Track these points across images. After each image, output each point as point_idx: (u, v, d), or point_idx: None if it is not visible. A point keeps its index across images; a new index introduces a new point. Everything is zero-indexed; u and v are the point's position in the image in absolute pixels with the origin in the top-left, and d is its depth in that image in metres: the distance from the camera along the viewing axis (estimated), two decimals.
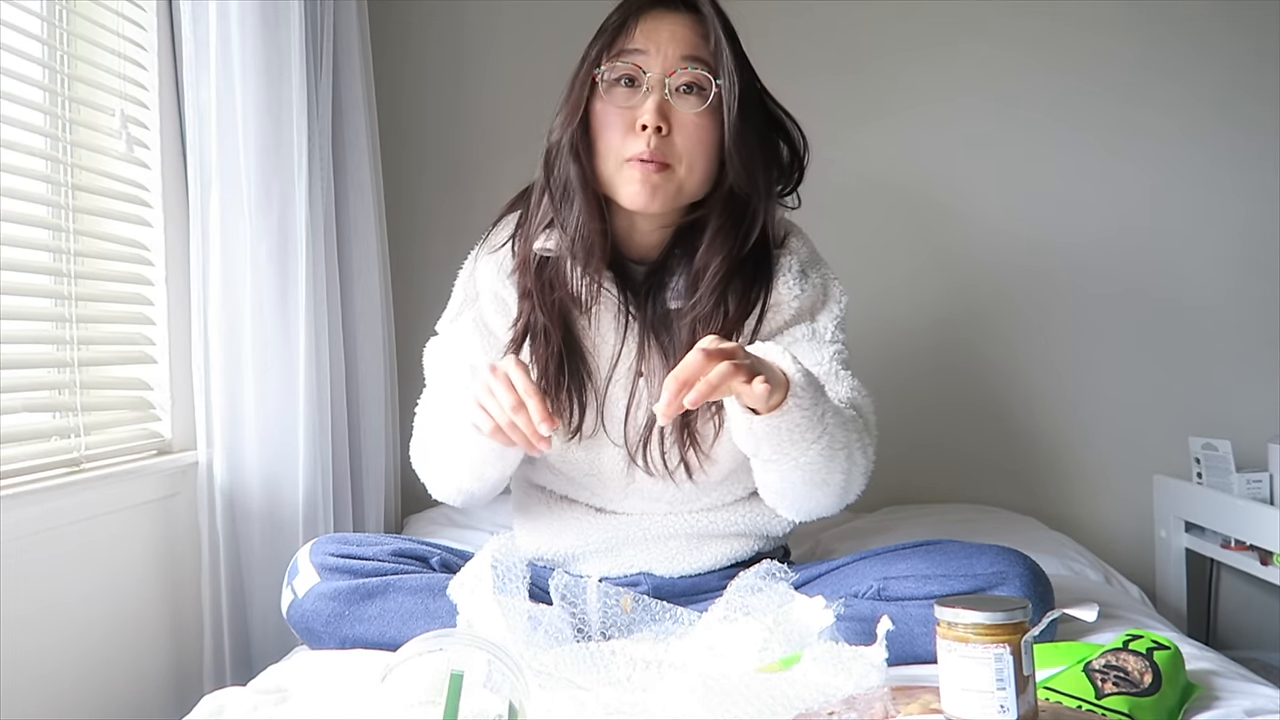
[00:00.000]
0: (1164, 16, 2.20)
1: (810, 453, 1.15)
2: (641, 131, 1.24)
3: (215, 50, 1.53)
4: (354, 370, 1.82)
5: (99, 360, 1.48)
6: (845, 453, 1.19)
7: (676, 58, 1.26)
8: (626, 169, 1.26)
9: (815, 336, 1.34)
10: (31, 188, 1.36)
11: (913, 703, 0.93)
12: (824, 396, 1.16)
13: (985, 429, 2.22)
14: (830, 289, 1.38)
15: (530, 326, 1.32)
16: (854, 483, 1.24)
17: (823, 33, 2.22)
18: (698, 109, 1.26)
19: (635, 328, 1.33)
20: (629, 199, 1.27)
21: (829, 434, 1.15)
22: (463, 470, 1.30)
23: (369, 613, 1.24)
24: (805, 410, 1.12)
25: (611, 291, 1.33)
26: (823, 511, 1.26)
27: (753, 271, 1.34)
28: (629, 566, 1.37)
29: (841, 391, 1.29)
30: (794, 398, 1.10)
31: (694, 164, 1.27)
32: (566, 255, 1.31)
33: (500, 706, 0.87)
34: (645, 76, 1.26)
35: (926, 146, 2.22)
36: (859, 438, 1.23)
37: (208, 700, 1.11)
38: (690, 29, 1.28)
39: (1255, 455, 2.02)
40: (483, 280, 1.39)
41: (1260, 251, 2.19)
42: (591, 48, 1.31)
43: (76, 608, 1.33)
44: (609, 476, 1.35)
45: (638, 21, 1.28)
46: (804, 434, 1.13)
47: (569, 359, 1.32)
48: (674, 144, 1.26)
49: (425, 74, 2.21)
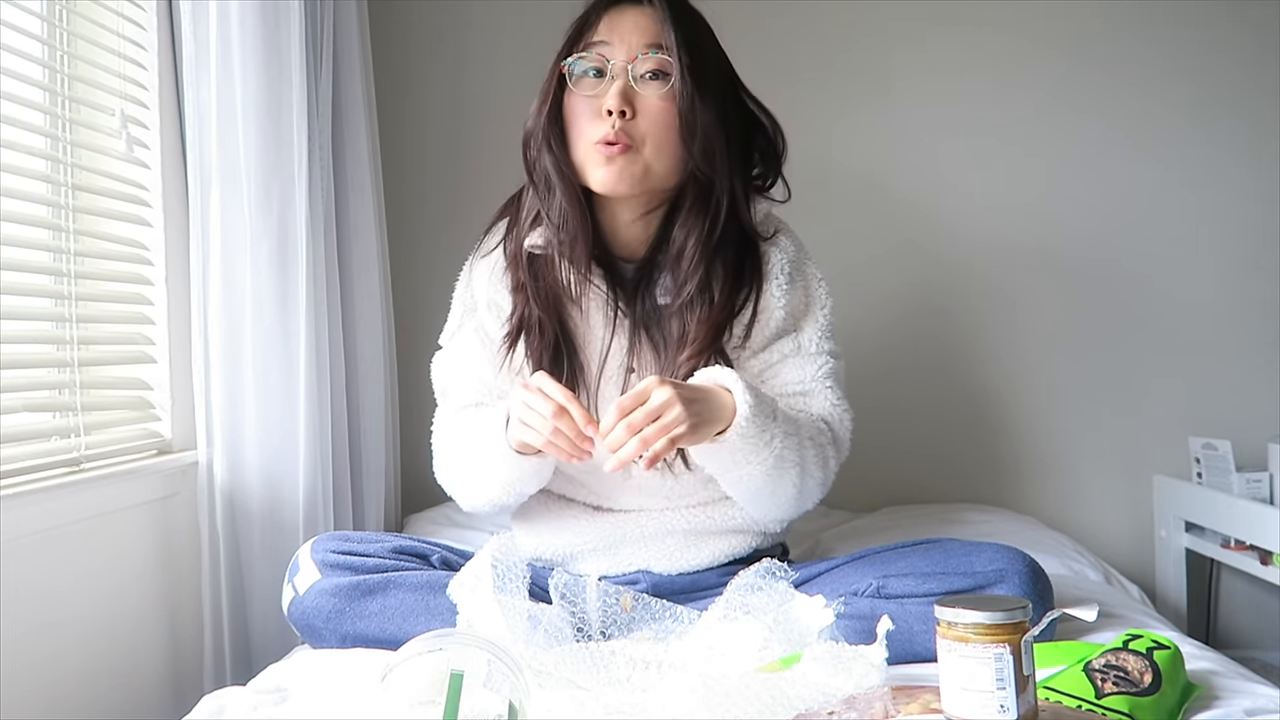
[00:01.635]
0: (1167, 9, 2.20)
1: (756, 471, 1.24)
2: (607, 117, 1.30)
3: (215, 50, 1.53)
4: (354, 370, 1.82)
5: (99, 360, 1.48)
6: (797, 469, 1.27)
7: (639, 45, 1.31)
8: (593, 152, 1.31)
9: (801, 351, 1.38)
10: (31, 188, 1.36)
11: (913, 702, 0.93)
12: (775, 421, 1.24)
13: (985, 429, 2.22)
14: (815, 292, 1.42)
15: (524, 320, 1.36)
16: (808, 493, 1.32)
17: (793, 17, 2.22)
18: (660, 93, 1.31)
19: (625, 323, 1.36)
20: (598, 182, 1.32)
21: (777, 455, 1.24)
22: (495, 488, 1.34)
23: (370, 609, 1.25)
24: (750, 439, 1.21)
25: (601, 287, 1.36)
26: (777, 516, 1.36)
27: (736, 260, 1.37)
28: (628, 564, 1.38)
29: (817, 407, 1.36)
30: (736, 430, 1.19)
31: (659, 146, 1.32)
32: (554, 249, 1.36)
33: (500, 706, 0.87)
34: (610, 66, 1.32)
35: (925, 145, 2.22)
36: (817, 454, 1.30)
37: (207, 700, 1.11)
38: (652, 19, 1.33)
39: (1255, 455, 2.02)
40: (479, 288, 1.42)
41: (1261, 251, 2.18)
42: (562, 45, 1.37)
43: (76, 607, 1.33)
44: (606, 473, 1.35)
45: (601, 16, 1.34)
46: (748, 456, 1.23)
47: (563, 351, 1.35)
48: (638, 127, 1.31)
49: (425, 74, 2.21)
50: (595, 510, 1.40)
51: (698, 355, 1.32)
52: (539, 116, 1.36)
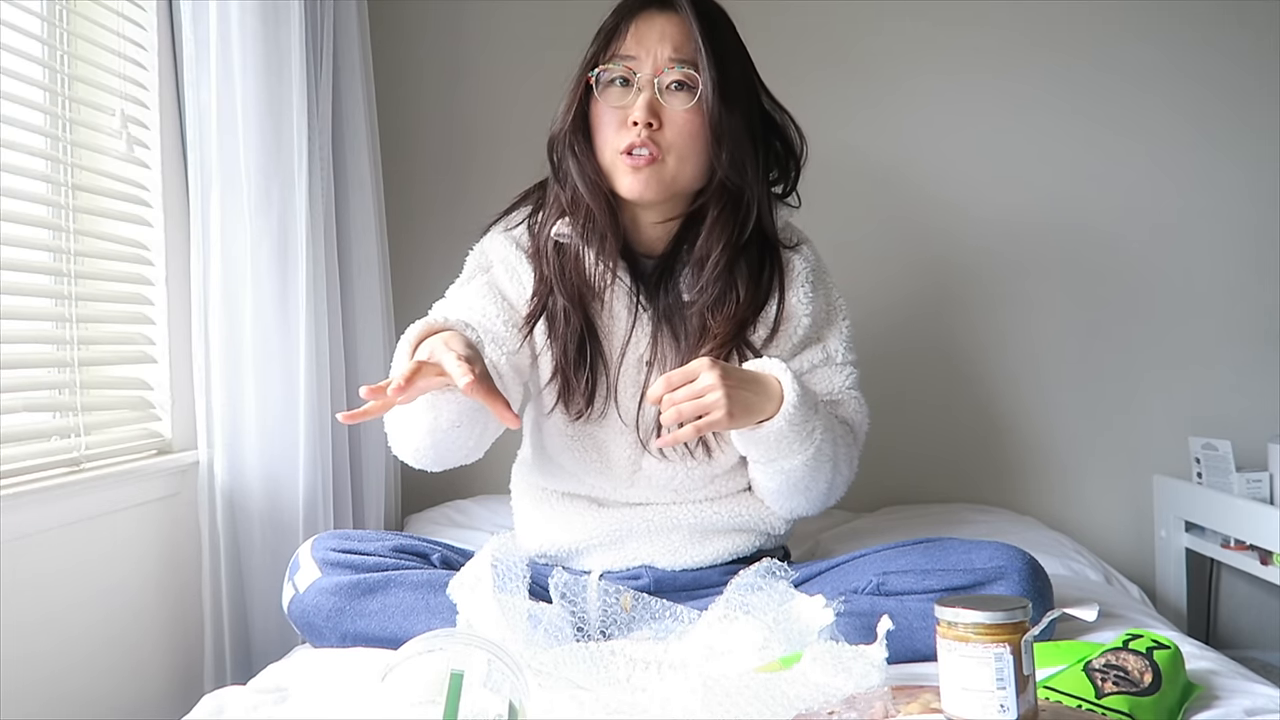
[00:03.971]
0: (1171, 10, 2.20)
1: (796, 462, 1.28)
2: (633, 127, 1.31)
3: (215, 50, 1.53)
4: (354, 370, 1.82)
5: (99, 360, 1.48)
6: (831, 464, 1.31)
7: (665, 58, 1.32)
8: (620, 162, 1.33)
9: (829, 361, 1.43)
10: (31, 188, 1.36)
11: (913, 702, 0.93)
12: (816, 414, 1.27)
13: (985, 429, 2.22)
14: (836, 302, 1.46)
15: (548, 308, 1.38)
16: (836, 490, 1.37)
17: (798, 15, 2.22)
18: (686, 105, 1.32)
19: (646, 316, 1.39)
20: (625, 189, 1.34)
21: (817, 447, 1.27)
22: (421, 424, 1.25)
23: (370, 608, 1.25)
24: (796, 426, 1.24)
25: (624, 280, 1.38)
26: (804, 512, 1.39)
27: (759, 263, 1.39)
28: (631, 559, 1.38)
29: (844, 411, 1.40)
30: (784, 416, 1.23)
31: (684, 156, 1.33)
32: (580, 241, 1.38)
33: (500, 706, 0.87)
34: (636, 78, 1.33)
35: (923, 143, 2.22)
36: (846, 451, 1.35)
37: (208, 700, 1.11)
38: (679, 28, 1.34)
39: (1255, 455, 2.02)
40: (494, 252, 1.44)
41: (1262, 251, 2.18)
42: (589, 50, 1.38)
43: (77, 607, 1.33)
44: (616, 463, 1.38)
45: (630, 24, 1.35)
46: (792, 446, 1.26)
47: (586, 340, 1.37)
48: (665, 137, 1.32)
49: (425, 74, 2.21)
50: (599, 505, 1.41)
51: (719, 349, 1.34)
52: (565, 123, 1.37)
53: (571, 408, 1.37)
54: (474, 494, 2.06)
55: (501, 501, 1.80)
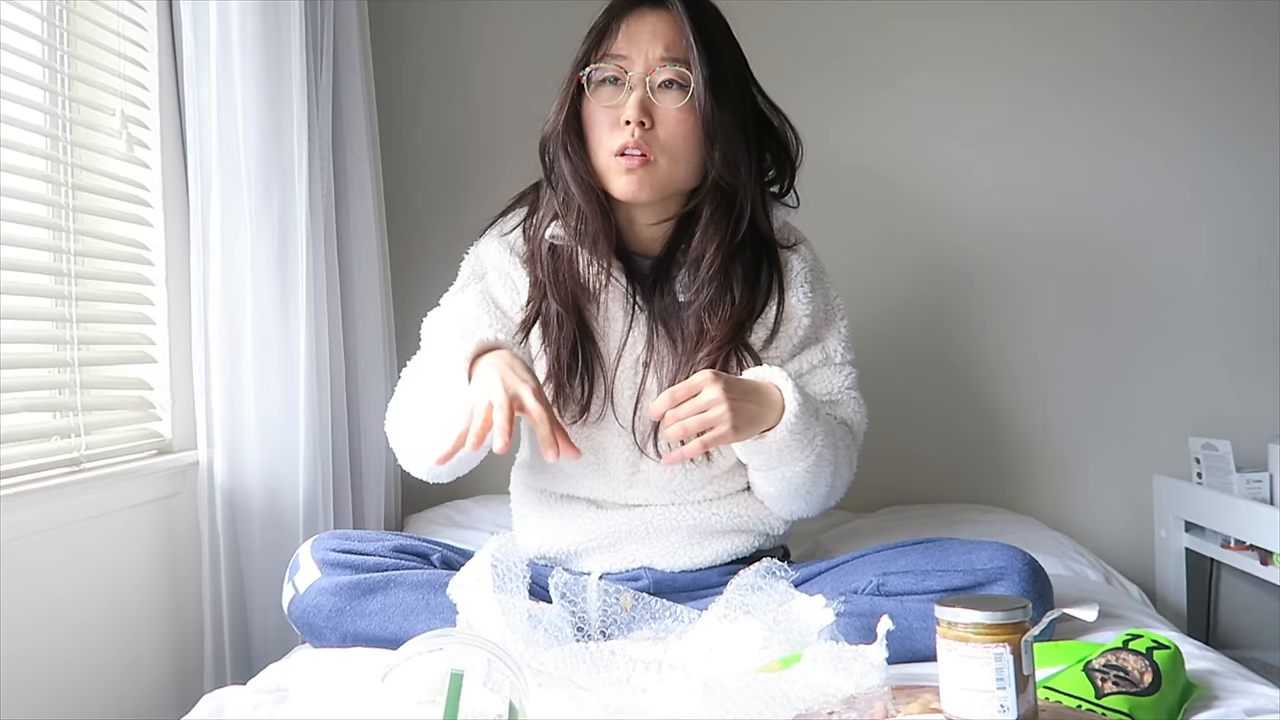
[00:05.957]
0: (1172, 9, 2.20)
1: (797, 469, 1.29)
2: (625, 126, 1.30)
3: (215, 50, 1.53)
4: (354, 370, 1.82)
5: (99, 360, 1.48)
6: (831, 468, 1.32)
7: (657, 57, 1.31)
8: (614, 162, 1.32)
9: (829, 362, 1.43)
10: (31, 188, 1.36)
11: (913, 702, 0.93)
12: (817, 420, 1.28)
13: (985, 429, 2.22)
14: (834, 303, 1.46)
15: (542, 313, 1.37)
16: (836, 492, 1.38)
17: (794, 14, 2.22)
18: (678, 104, 1.31)
19: (643, 318, 1.38)
20: (619, 190, 1.33)
21: (818, 453, 1.28)
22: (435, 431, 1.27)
23: (370, 608, 1.25)
24: (797, 435, 1.25)
25: (620, 281, 1.38)
26: (803, 514, 1.40)
27: (756, 264, 1.39)
28: (630, 561, 1.38)
29: (843, 412, 1.41)
30: (786, 426, 1.24)
31: (677, 156, 1.33)
32: (574, 243, 1.37)
33: (500, 706, 0.87)
34: (628, 76, 1.32)
35: (923, 143, 2.22)
36: (846, 453, 1.36)
37: (208, 700, 1.11)
38: (671, 26, 1.32)
39: (1255, 455, 2.02)
40: (489, 258, 1.43)
41: (1261, 251, 2.18)
42: (581, 49, 1.37)
43: (77, 607, 1.33)
44: (614, 465, 1.37)
45: (621, 23, 1.34)
46: (793, 453, 1.27)
47: (581, 344, 1.36)
48: (657, 137, 1.31)
49: (425, 74, 2.21)
50: (597, 507, 1.40)
51: (717, 352, 1.33)
52: (557, 123, 1.36)
53: (568, 411, 1.36)
54: (474, 494, 2.06)
55: (501, 501, 1.79)
